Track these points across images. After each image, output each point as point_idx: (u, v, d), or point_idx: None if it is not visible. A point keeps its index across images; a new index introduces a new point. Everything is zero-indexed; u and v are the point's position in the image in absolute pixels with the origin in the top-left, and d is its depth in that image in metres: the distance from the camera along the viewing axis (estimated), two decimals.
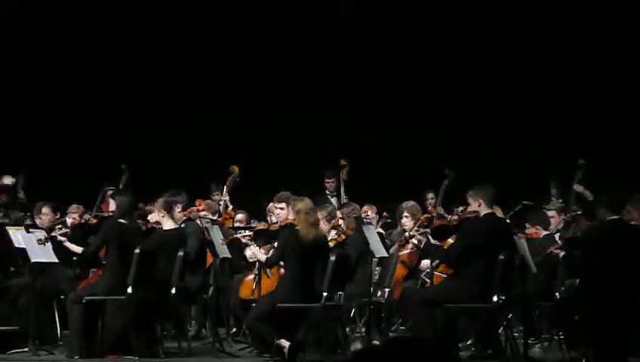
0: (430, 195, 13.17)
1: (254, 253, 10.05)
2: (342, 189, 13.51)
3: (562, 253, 9.91)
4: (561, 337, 9.86)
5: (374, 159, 14.28)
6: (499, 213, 10.17)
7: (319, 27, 15.01)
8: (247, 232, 10.44)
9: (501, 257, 9.15)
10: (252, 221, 11.76)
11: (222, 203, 12.37)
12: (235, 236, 10.29)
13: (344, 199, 13.10)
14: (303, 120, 14.80)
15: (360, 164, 13.66)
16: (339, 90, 14.93)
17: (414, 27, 14.93)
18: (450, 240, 10.32)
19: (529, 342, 9.83)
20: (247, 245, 10.29)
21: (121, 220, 9.85)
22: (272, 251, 9.95)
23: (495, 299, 9.06)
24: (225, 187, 12.59)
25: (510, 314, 9.70)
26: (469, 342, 9.92)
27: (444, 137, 14.56)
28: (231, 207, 12.40)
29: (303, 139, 14.65)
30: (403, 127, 14.76)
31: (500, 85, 14.61)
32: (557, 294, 9.92)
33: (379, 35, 15.05)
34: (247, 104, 15.16)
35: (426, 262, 10.64)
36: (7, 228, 10.31)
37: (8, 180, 10.54)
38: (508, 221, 10.26)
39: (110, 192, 12.96)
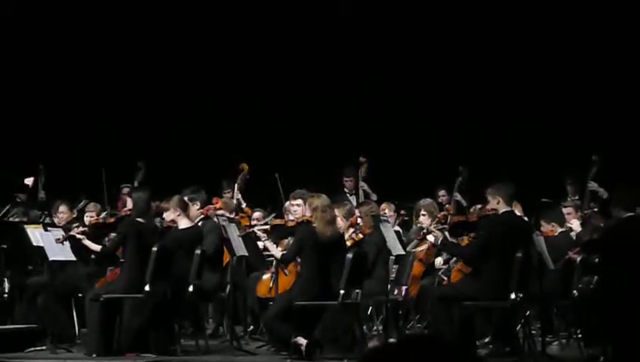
0: (442, 192, 13.16)
1: (269, 248, 10.02)
2: (359, 186, 13.50)
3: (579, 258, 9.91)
4: (579, 334, 9.84)
5: (392, 157, 14.27)
6: (519, 210, 10.14)
7: (328, 27, 15.02)
8: (264, 226, 10.42)
9: (519, 255, 9.12)
10: (268, 218, 11.76)
11: (235, 201, 12.37)
12: (252, 229, 10.26)
13: (361, 193, 13.11)
14: (320, 118, 14.81)
15: (378, 162, 13.66)
16: (356, 89, 14.93)
17: (422, 23, 14.92)
18: (468, 238, 10.31)
19: (547, 339, 9.82)
20: (261, 239, 10.18)
21: (139, 219, 9.86)
22: (287, 247, 9.94)
23: (513, 296, 9.03)
24: (235, 185, 12.60)
25: (528, 312, 9.67)
26: (486, 340, 9.89)
27: (461, 135, 14.55)
28: (244, 204, 12.41)
29: (321, 138, 14.66)
30: (420, 125, 14.75)
31: (513, 84, 14.58)
32: (574, 292, 9.90)
33: (387, 34, 15.04)
34: (264, 103, 15.17)
35: (443, 260, 10.62)
36: (25, 226, 10.34)
37: (29, 181, 10.57)
38: (526, 219, 10.24)
39: (126, 190, 13.01)
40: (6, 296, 10.90)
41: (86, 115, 15.18)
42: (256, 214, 12.00)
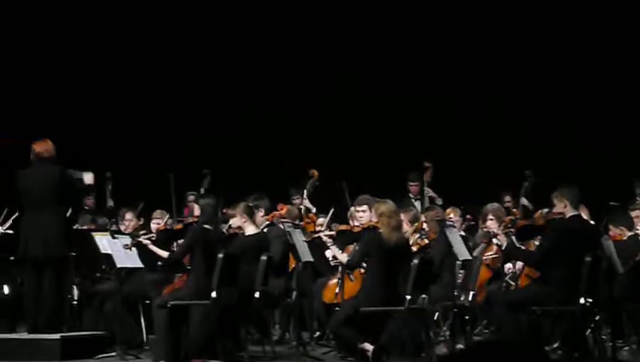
0: (507, 198, 13.05)
1: (335, 253, 10.03)
2: (424, 191, 13.45)
3: None
4: None
5: (458, 161, 14.20)
6: (585, 214, 10.03)
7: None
8: (330, 232, 10.43)
9: (588, 259, 9.01)
10: (333, 225, 11.75)
11: (302, 207, 12.37)
12: (318, 235, 10.27)
13: (426, 199, 13.06)
14: (386, 123, 14.78)
15: (444, 166, 13.60)
16: (421, 91, 14.89)
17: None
18: (535, 242, 10.21)
19: (617, 344, 9.69)
20: (327, 245, 10.19)
21: (206, 226, 9.91)
22: (353, 252, 9.93)
23: (582, 301, 8.93)
24: (305, 191, 12.60)
25: (598, 317, 9.55)
26: (555, 345, 9.79)
27: (526, 138, 14.44)
28: (314, 210, 12.41)
29: (387, 142, 14.63)
30: (487, 128, 14.65)
31: (582, 84, 14.43)
32: None
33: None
34: (328, 107, 15.18)
35: (510, 265, 10.53)
36: (92, 234, 10.45)
37: (88, 178, 10.44)
38: (594, 223, 10.12)
39: (191, 197, 13.09)
40: (75, 303, 11.03)
41: (153, 124, 15.32)
42: (321, 220, 12.01)
